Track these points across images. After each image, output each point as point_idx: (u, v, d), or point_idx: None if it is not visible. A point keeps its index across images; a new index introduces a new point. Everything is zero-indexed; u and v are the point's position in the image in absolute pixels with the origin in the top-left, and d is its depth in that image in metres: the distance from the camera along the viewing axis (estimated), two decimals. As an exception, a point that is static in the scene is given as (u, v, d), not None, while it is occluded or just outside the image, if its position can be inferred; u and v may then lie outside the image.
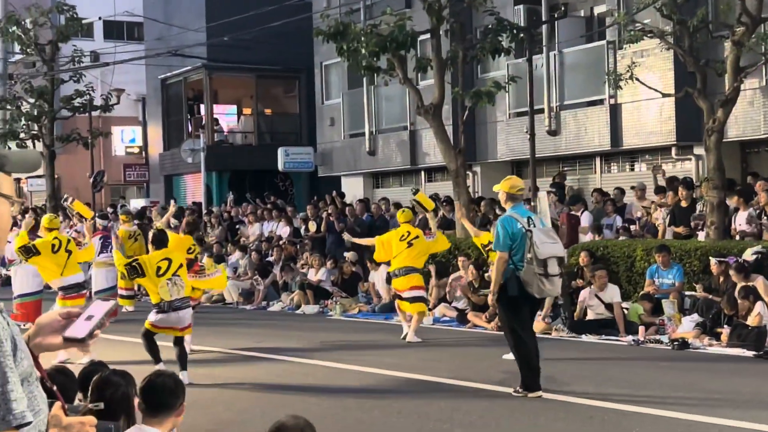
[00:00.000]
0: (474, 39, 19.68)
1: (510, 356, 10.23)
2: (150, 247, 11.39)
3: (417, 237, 14.02)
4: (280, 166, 28.30)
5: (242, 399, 9.98)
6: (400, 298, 14.11)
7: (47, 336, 2.55)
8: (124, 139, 39.15)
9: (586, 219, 17.23)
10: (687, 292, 14.00)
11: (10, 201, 2.35)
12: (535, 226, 9.43)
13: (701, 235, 15.24)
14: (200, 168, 27.64)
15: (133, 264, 11.00)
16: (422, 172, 25.11)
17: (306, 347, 13.58)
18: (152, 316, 11.02)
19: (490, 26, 18.32)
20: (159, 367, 10.62)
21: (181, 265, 11.06)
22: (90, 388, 4.88)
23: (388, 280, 14.98)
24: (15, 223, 17.06)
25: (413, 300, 13.91)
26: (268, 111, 33.35)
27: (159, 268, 10.86)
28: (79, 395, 5.23)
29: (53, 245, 14.23)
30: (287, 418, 4.24)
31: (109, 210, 27.67)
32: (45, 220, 15.03)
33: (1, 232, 2.37)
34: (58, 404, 2.42)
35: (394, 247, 13.96)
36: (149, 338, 11.10)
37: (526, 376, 9.45)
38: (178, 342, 11.03)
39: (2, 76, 31.90)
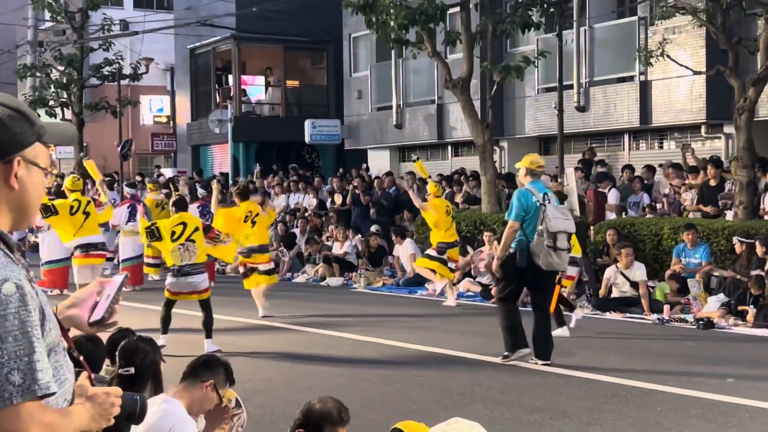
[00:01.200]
0: (504, 13, 19.54)
1: (559, 332, 10.99)
2: (171, 209, 11.62)
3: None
4: (306, 139, 28.30)
5: (266, 369, 10.05)
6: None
7: (80, 313, 2.61)
8: (152, 109, 39.25)
9: (613, 196, 17.13)
10: (714, 272, 13.92)
11: (45, 173, 2.38)
12: (549, 202, 9.83)
13: (729, 215, 15.14)
14: (227, 139, 27.70)
15: (152, 228, 11.17)
16: (449, 147, 25.04)
17: (330, 319, 13.63)
18: (167, 280, 11.23)
19: (520, 0, 18.18)
20: (162, 338, 10.66)
21: (196, 229, 11.12)
22: (118, 354, 4.95)
23: (441, 252, 15.11)
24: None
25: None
26: (295, 83, 33.32)
27: (174, 232, 10.98)
28: (107, 362, 5.30)
29: (72, 206, 14.45)
30: (316, 402, 4.22)
31: (137, 178, 27.80)
32: (68, 181, 15.19)
33: (35, 203, 2.40)
34: (84, 374, 2.44)
35: (444, 221, 14.82)
36: (167, 307, 11.21)
37: (511, 339, 9.86)
38: (203, 306, 11.11)
39: (32, 44, 32.04)
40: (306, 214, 21.80)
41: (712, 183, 15.71)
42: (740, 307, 12.53)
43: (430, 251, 15.02)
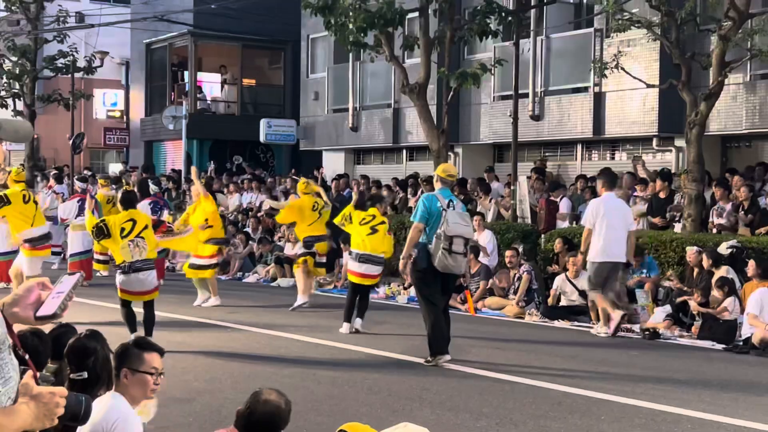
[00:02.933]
0: (462, 20, 19.64)
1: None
2: (118, 206, 11.55)
3: (324, 207, 15.24)
4: (261, 138, 28.21)
5: (214, 368, 10.00)
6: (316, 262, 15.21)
7: (24, 308, 2.57)
8: (105, 103, 38.85)
9: (564, 205, 17.29)
10: (662, 284, 14.10)
11: (1, 169, 2.37)
12: (453, 208, 10.37)
13: (678, 227, 15.35)
14: (181, 135, 27.51)
15: (100, 225, 11.01)
16: (404, 151, 25.11)
17: (280, 320, 13.59)
18: (117, 278, 11.09)
19: (479, 8, 18.29)
20: (134, 336, 10.65)
21: (146, 227, 11.03)
22: (67, 357, 4.86)
23: (309, 246, 15.29)
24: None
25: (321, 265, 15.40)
26: (252, 81, 33.20)
27: (123, 229, 10.86)
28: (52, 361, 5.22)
29: (24, 195, 14.28)
30: (266, 391, 4.26)
31: (87, 173, 27.51)
32: (13, 171, 15.00)
33: None
34: (29, 373, 2.42)
35: (307, 216, 14.92)
36: (125, 306, 11.13)
37: (435, 341, 10.21)
38: (147, 305, 11.06)
39: (-15, 33, 31.56)
40: (258, 214, 21.71)
41: (662, 195, 15.93)
42: (683, 319, 12.72)
43: (298, 247, 15.76)
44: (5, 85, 29.08)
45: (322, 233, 15.12)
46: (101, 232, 10.93)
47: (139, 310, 11.18)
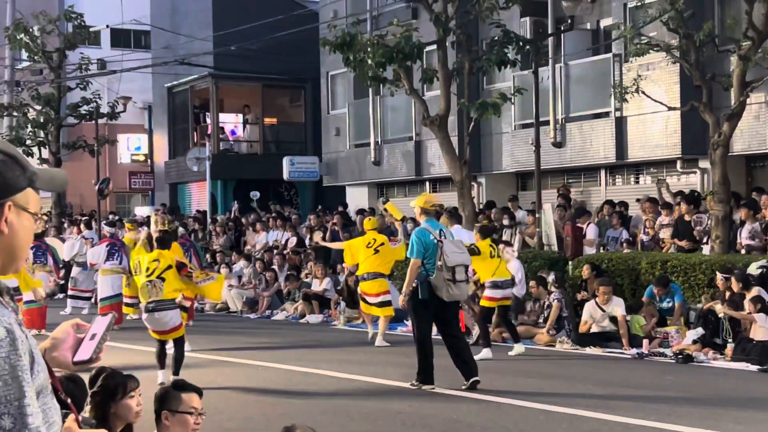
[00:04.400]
0: (480, 50, 19.71)
1: (484, 353, 12.29)
2: (153, 245, 11.78)
3: (383, 244, 14.86)
4: (285, 176, 28.34)
5: (246, 407, 10.00)
6: (367, 302, 14.93)
7: (62, 353, 2.61)
8: (129, 147, 39.20)
9: (592, 231, 17.23)
10: (693, 306, 14.01)
11: (35, 218, 2.41)
12: (446, 238, 10.61)
13: (706, 249, 15.25)
14: (205, 176, 27.69)
15: (137, 260, 11.40)
16: (427, 183, 25.13)
17: (310, 357, 13.58)
18: (142, 316, 11.36)
19: (496, 38, 18.35)
20: (161, 373, 10.72)
21: (169, 267, 11.10)
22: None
23: (356, 284, 15.43)
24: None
25: (382, 304, 14.77)
26: (273, 120, 33.42)
27: (148, 268, 11.01)
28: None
29: None
30: (299, 426, 4.29)
31: (113, 217, 27.72)
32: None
33: (23, 247, 2.41)
34: (71, 416, 2.44)
35: (362, 253, 14.81)
36: (159, 342, 11.24)
37: (423, 369, 10.48)
38: (175, 342, 11.16)
39: (9, 83, 31.98)
40: (285, 252, 21.78)
41: (687, 217, 15.85)
42: (716, 340, 12.63)
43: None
44: (30, 133, 29.41)
45: (373, 270, 14.73)
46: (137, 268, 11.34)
47: (171, 345, 11.26)
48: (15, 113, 30.03)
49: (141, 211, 33.51)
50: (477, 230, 14.00)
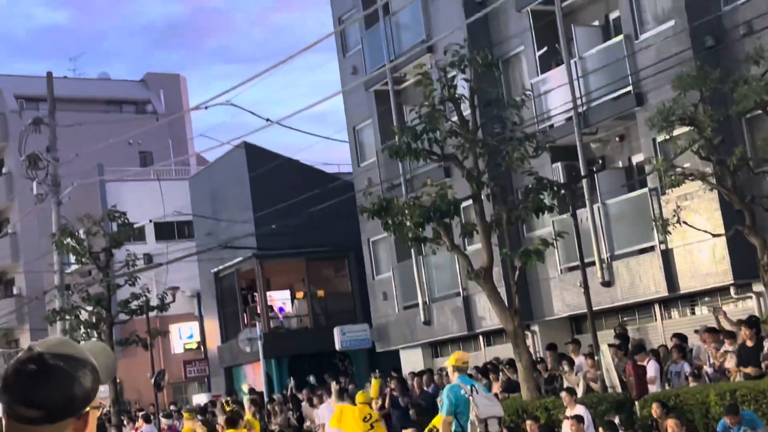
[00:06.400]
0: (516, 200, 19.82)
1: None
2: (224, 424, 12.07)
3: (378, 420, 15.48)
4: (337, 346, 28.25)
5: None
6: None
7: None
8: (182, 336, 39.47)
9: (652, 368, 16.81)
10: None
11: (98, 409, 2.41)
12: (477, 392, 10.74)
13: (774, 373, 14.78)
14: (259, 356, 27.66)
15: None
16: (480, 337, 24.88)
17: None
18: None
19: (530, 186, 18.49)
20: None
21: None
22: None
23: None
24: None
25: None
26: (320, 292, 33.57)
27: None
28: None
29: None
30: None
31: (172, 408, 27.59)
32: None
33: None
34: None
35: (358, 427, 15.01)
36: None
37: None
38: None
39: (60, 288, 32.56)
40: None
41: (749, 343, 15.42)
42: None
43: None
44: (84, 334, 29.69)
45: None
46: None
47: None
48: (67, 316, 30.42)
49: (198, 398, 33.38)
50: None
